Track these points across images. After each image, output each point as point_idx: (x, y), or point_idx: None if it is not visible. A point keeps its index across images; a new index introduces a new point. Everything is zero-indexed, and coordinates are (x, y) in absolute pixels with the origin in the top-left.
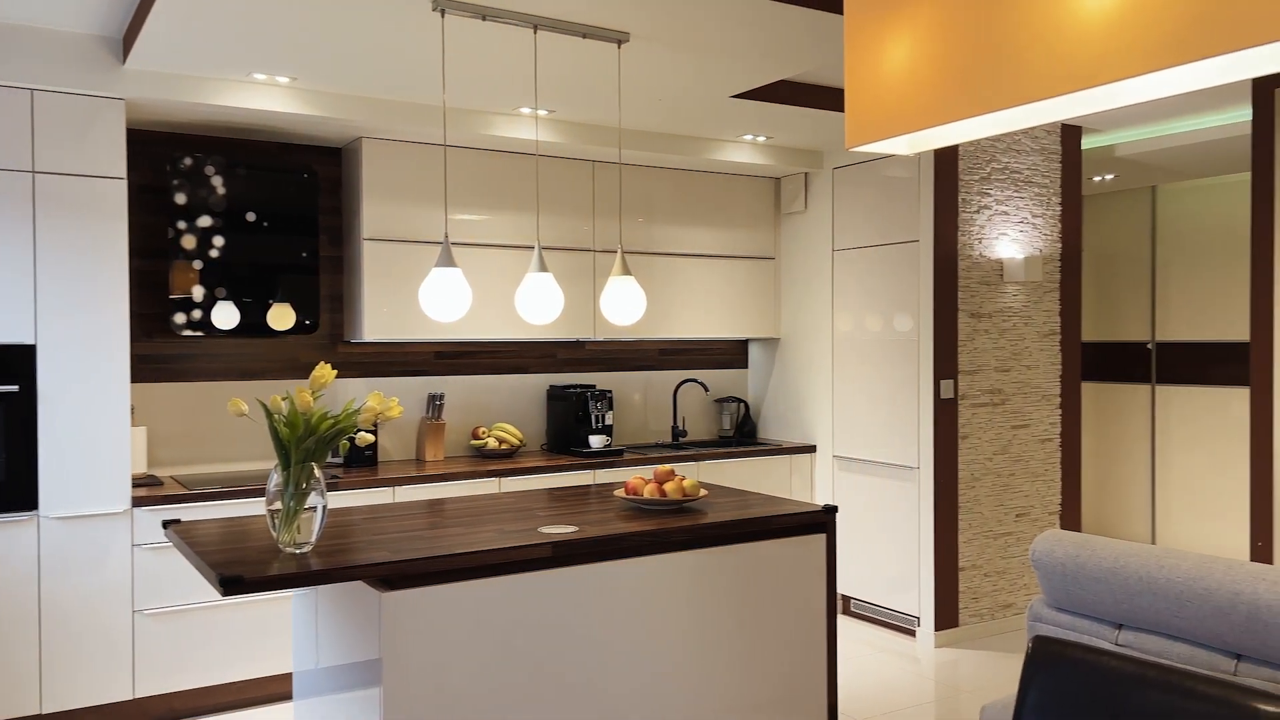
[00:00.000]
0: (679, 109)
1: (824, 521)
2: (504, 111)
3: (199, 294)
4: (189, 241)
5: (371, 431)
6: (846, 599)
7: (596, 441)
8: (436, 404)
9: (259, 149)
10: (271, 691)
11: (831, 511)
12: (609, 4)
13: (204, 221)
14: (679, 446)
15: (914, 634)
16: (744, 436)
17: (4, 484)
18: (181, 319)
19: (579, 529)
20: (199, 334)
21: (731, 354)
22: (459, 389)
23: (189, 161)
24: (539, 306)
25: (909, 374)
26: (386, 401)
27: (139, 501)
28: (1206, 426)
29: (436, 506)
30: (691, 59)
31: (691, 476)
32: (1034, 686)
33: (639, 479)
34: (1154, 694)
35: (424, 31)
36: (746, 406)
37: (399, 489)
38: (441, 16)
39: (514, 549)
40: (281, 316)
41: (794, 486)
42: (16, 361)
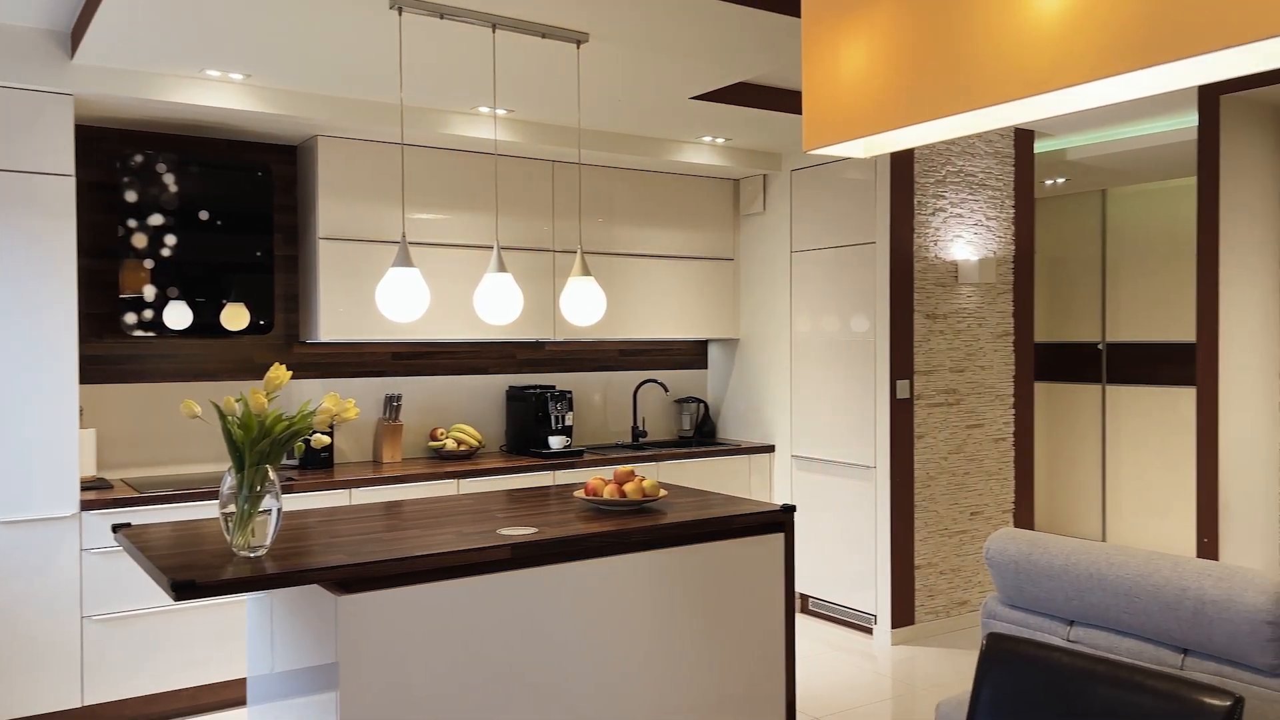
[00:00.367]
0: (638, 110)
1: (782, 521)
2: (462, 110)
3: (150, 294)
4: (140, 240)
5: (328, 433)
6: (805, 598)
7: (556, 442)
8: (394, 405)
9: (212, 146)
10: (225, 697)
11: (790, 511)
12: (568, 4)
13: (155, 220)
14: (639, 447)
15: (871, 632)
16: (704, 437)
17: None
18: (132, 319)
19: (538, 530)
20: (150, 334)
21: (691, 355)
22: (417, 390)
23: (140, 159)
24: (498, 307)
25: (866, 374)
26: (343, 403)
27: (88, 505)
28: (1154, 425)
29: (394, 509)
30: (650, 60)
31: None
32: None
33: (599, 480)
34: (1104, 689)
35: (381, 29)
36: (706, 407)
37: (356, 491)
38: (399, 14)
39: (473, 551)
40: (235, 317)
41: (753, 486)
42: None
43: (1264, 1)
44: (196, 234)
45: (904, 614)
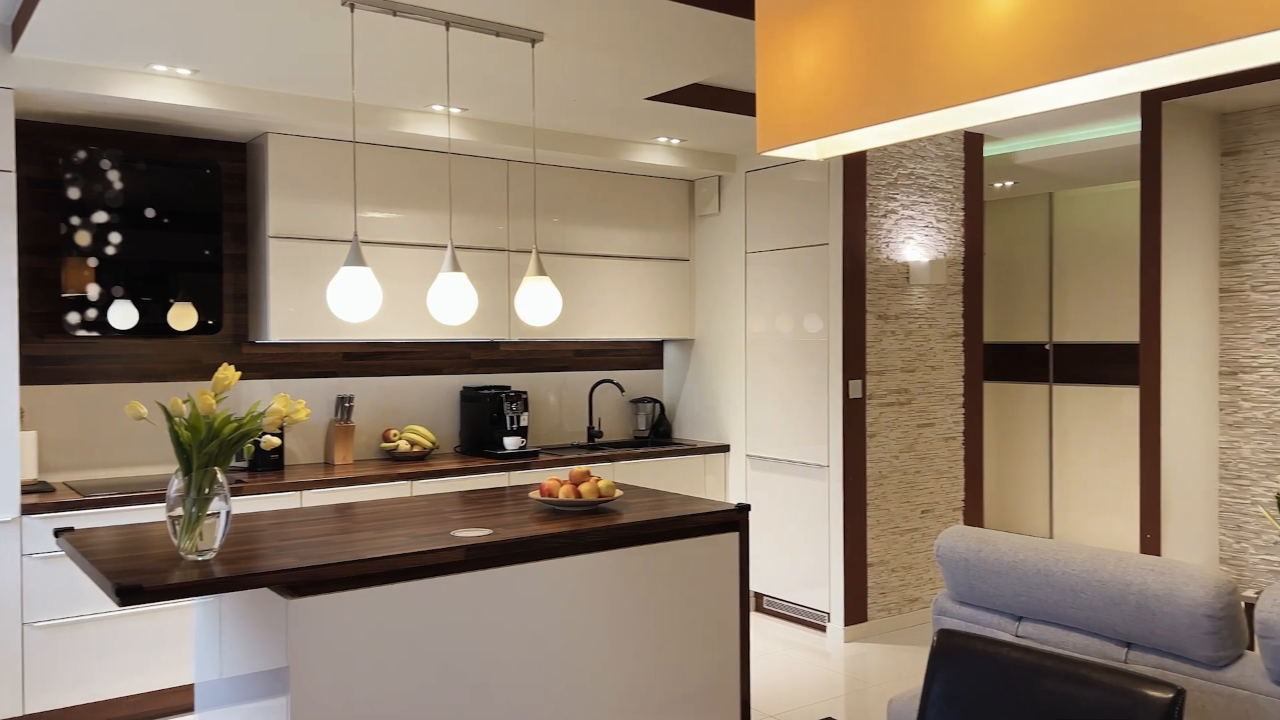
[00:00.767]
0: (593, 110)
1: (737, 520)
2: (416, 109)
3: (94, 293)
4: (83, 238)
5: (278, 435)
6: (759, 596)
7: (511, 443)
8: (346, 406)
9: (158, 143)
10: (172, 704)
11: (744, 510)
12: (523, 3)
13: (100, 217)
14: (595, 447)
15: (824, 629)
16: (659, 437)
17: None
18: (75, 319)
19: (493, 532)
20: (94, 334)
21: (647, 355)
22: (369, 391)
23: (83, 155)
24: (452, 307)
25: (819, 374)
26: (293, 404)
27: (29, 509)
28: (1100, 424)
29: (346, 511)
30: (605, 60)
31: (607, 477)
32: (939, 679)
33: (554, 480)
34: (1051, 683)
35: (332, 25)
36: (662, 407)
37: (307, 493)
38: (351, 10)
39: (426, 553)
40: (183, 316)
41: (708, 486)
42: None
43: (1203, 10)
44: (142, 232)
45: (857, 611)
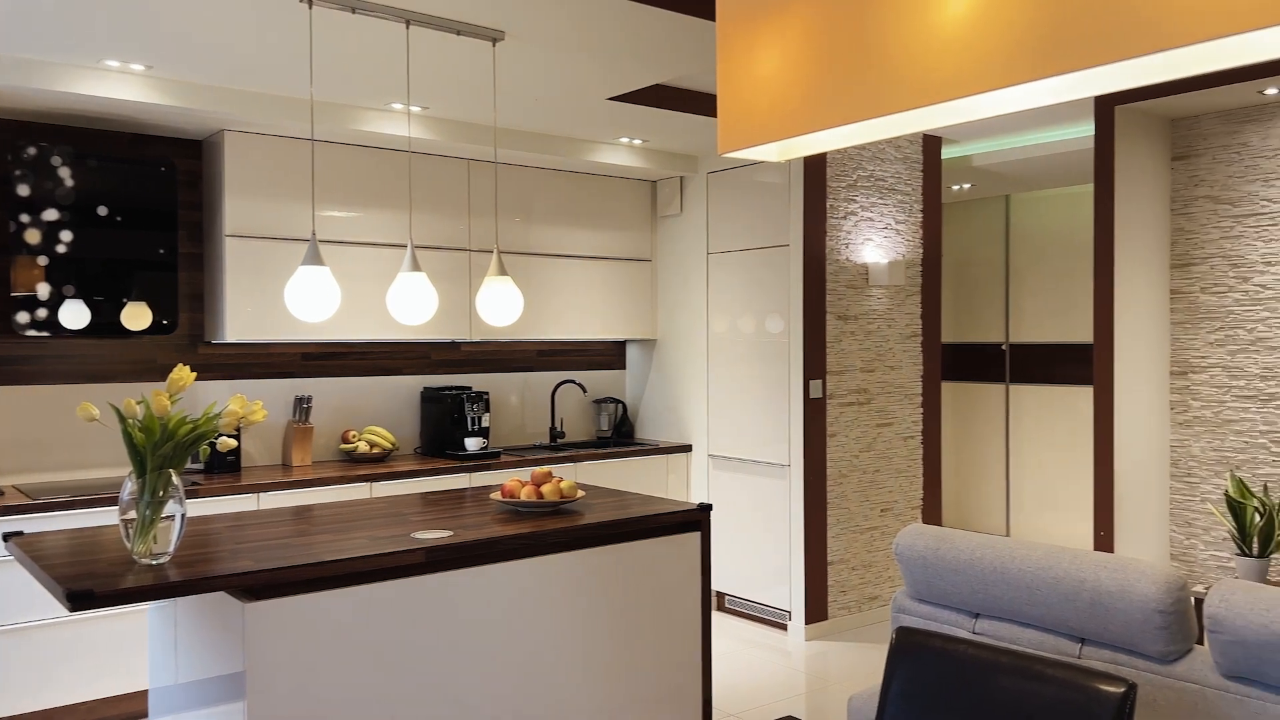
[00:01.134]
0: (555, 110)
1: (699, 520)
2: (375, 107)
3: (44, 291)
4: (33, 236)
5: (234, 436)
6: (721, 595)
7: (472, 444)
8: (304, 407)
9: (112, 139)
10: (126, 710)
11: (706, 510)
12: (484, 2)
13: (50, 215)
14: (557, 448)
15: (785, 628)
16: (622, 437)
17: None
18: (25, 318)
19: (453, 533)
20: (45, 334)
21: (609, 355)
22: (328, 391)
23: (33, 151)
24: (411, 307)
25: (780, 374)
26: (250, 405)
27: None
28: (1055, 423)
29: (304, 513)
30: (567, 60)
31: (569, 478)
32: (897, 676)
33: (516, 481)
34: (1007, 679)
35: (290, 22)
36: (624, 407)
37: (264, 495)
38: (309, 7)
39: (385, 555)
40: (137, 316)
41: (670, 486)
42: None
43: (1155, 17)
44: (95, 230)
45: (817, 610)
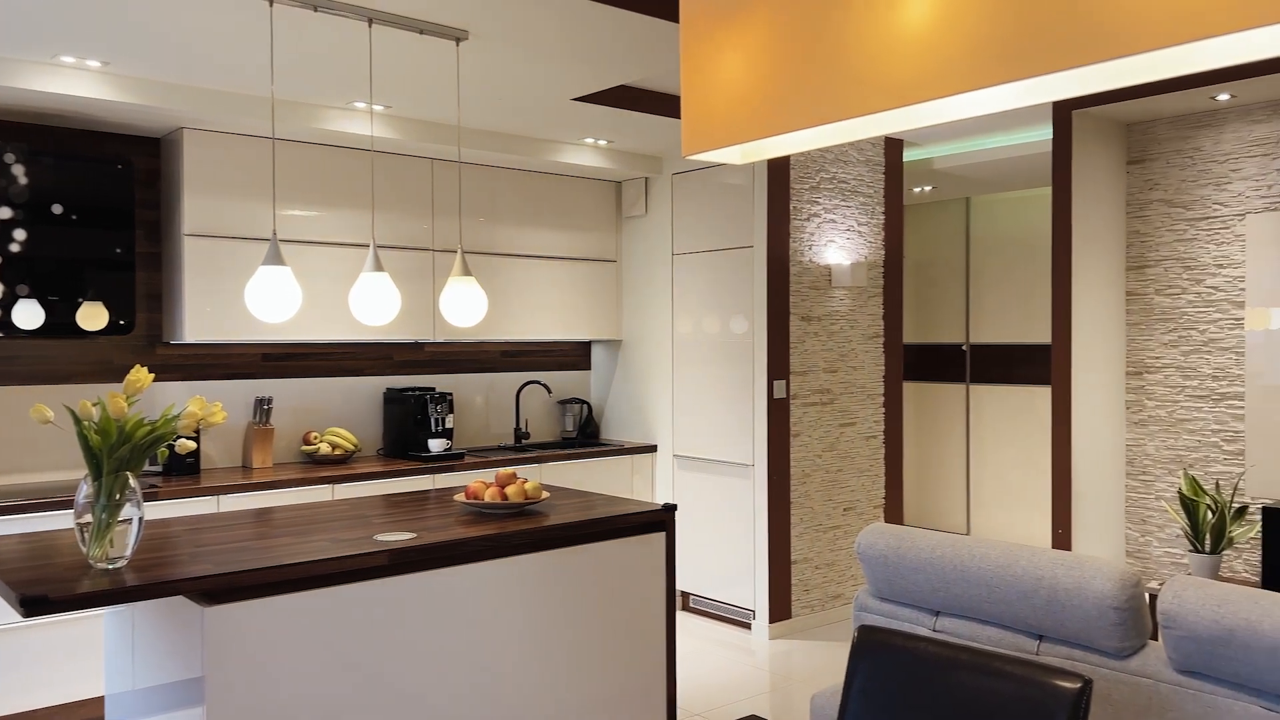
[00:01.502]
0: (520, 110)
1: (663, 520)
2: (337, 105)
3: None
4: None
5: (193, 438)
6: (686, 595)
7: (436, 445)
8: (264, 408)
9: (67, 137)
10: (82, 717)
11: (671, 510)
12: (448, 1)
13: (3, 213)
14: (522, 449)
15: (749, 627)
16: (587, 437)
17: None
18: None
19: (417, 535)
20: None
21: (574, 356)
22: (289, 393)
23: None
24: (374, 307)
25: (745, 375)
26: (209, 406)
27: None
28: (1014, 422)
29: (264, 516)
30: (531, 60)
31: (534, 479)
32: (859, 674)
33: (480, 483)
34: (966, 676)
35: (251, 19)
36: (589, 408)
37: (224, 498)
38: (269, 5)
39: (347, 558)
40: (93, 316)
41: (635, 486)
42: None
43: (1112, 25)
44: (50, 229)
45: (781, 608)
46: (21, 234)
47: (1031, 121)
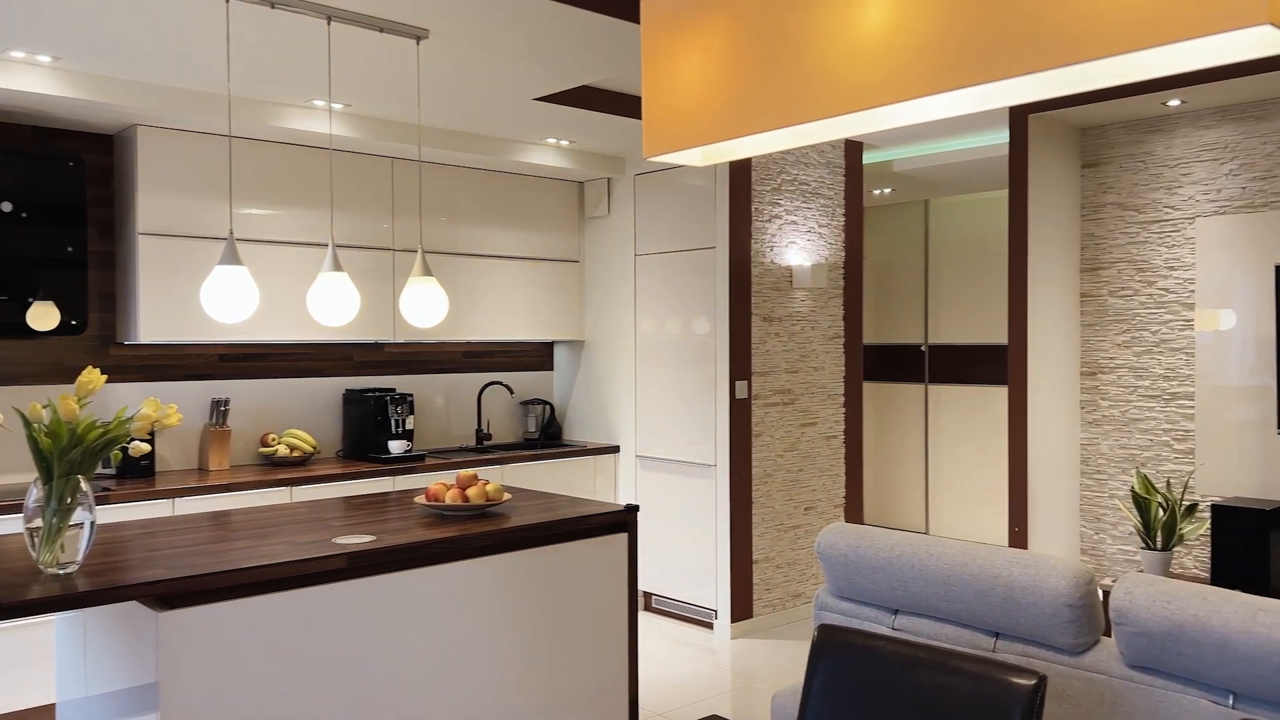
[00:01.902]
0: (481, 109)
1: (625, 521)
2: (295, 103)
3: None
4: None
5: (148, 440)
6: (648, 595)
7: (396, 447)
8: (221, 410)
9: (16, 133)
10: None
11: (633, 511)
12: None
13: None
14: (483, 450)
15: (711, 626)
16: (549, 438)
17: None
18: None
19: (376, 538)
20: None
21: (537, 356)
22: (246, 394)
23: None
24: (332, 307)
25: (707, 375)
26: (164, 408)
27: None
28: (972, 422)
29: (221, 519)
30: (492, 60)
31: (496, 480)
32: (819, 673)
33: (441, 485)
34: (924, 674)
35: (207, 15)
36: (552, 408)
37: (179, 501)
38: (226, 1)
39: (306, 561)
40: (43, 316)
41: (598, 487)
42: None
43: (1068, 32)
44: None
45: (743, 608)
46: None
47: (989, 125)
